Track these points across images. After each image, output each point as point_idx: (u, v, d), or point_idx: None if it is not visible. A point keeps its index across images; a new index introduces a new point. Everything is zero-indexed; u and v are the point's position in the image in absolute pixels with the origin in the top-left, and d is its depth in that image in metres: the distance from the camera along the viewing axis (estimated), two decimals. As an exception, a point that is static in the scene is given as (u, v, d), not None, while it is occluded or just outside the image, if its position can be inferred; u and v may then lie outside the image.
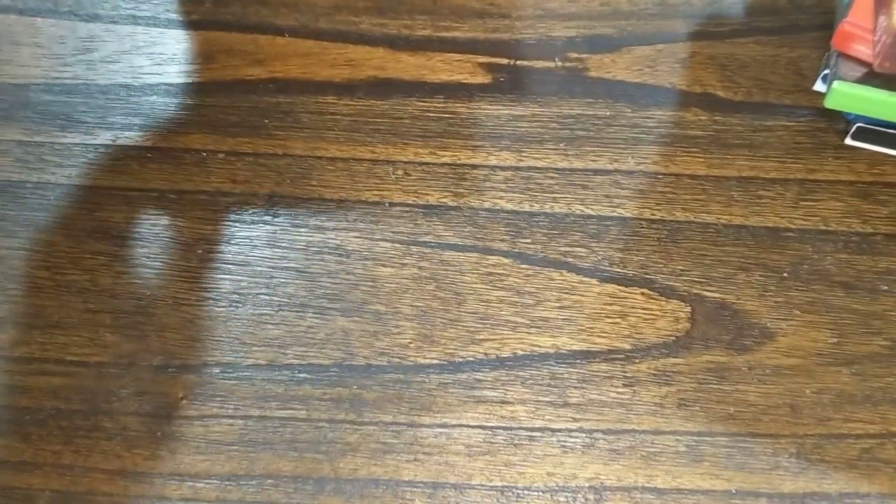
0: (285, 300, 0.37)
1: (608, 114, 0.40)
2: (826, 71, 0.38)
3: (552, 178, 0.39)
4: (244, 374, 0.36)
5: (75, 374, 0.35)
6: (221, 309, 0.37)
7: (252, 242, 0.38)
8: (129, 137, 0.39)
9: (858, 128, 0.38)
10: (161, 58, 0.41)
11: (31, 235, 0.37)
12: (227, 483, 0.34)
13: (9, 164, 0.39)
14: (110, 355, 0.36)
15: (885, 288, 0.37)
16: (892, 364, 0.36)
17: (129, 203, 0.38)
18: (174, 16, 0.42)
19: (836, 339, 0.36)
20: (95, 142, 0.39)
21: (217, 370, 0.36)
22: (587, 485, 0.34)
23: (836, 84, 0.36)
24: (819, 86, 0.39)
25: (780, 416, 0.35)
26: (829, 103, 0.37)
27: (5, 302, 0.36)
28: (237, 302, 0.37)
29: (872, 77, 0.36)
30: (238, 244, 0.38)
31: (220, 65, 0.41)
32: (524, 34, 0.42)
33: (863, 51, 0.36)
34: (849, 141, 0.39)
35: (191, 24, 0.42)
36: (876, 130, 0.38)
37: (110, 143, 0.39)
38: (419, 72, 0.41)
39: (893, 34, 0.33)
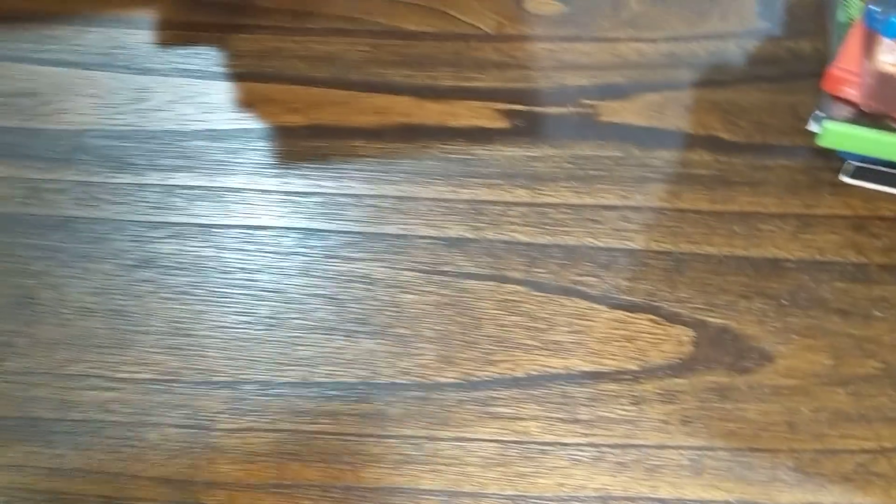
0: (316, 324, 0.45)
1: (618, 154, 0.49)
2: (819, 112, 0.46)
3: (565, 213, 0.48)
4: (278, 391, 0.44)
5: (122, 389, 0.44)
6: (257, 332, 0.45)
7: (286, 271, 0.46)
8: (177, 178, 0.49)
9: (853, 166, 0.46)
10: (207, 106, 0.51)
11: (84, 265, 0.47)
12: (259, 490, 0.42)
13: (66, 201, 0.48)
14: (155, 373, 0.44)
15: (879, 314, 0.44)
16: (885, 384, 0.43)
17: (175, 236, 0.47)
18: (219, 69, 0.52)
19: (832, 362, 0.43)
20: (145, 182, 0.49)
21: (253, 387, 0.44)
22: (595, 495, 0.41)
23: (827, 124, 0.44)
24: (813, 126, 0.47)
25: (779, 432, 0.42)
26: (822, 142, 0.45)
27: (59, 325, 0.45)
28: (272, 325, 0.45)
29: (861, 117, 0.44)
30: (273, 273, 0.46)
31: (261, 112, 0.51)
32: (540, 83, 0.51)
33: (851, 93, 0.44)
34: (844, 178, 0.47)
35: (234, 76, 0.52)
36: (869, 168, 0.46)
37: (159, 183, 0.49)
38: (442, 118, 0.51)
39: (877, 76, 0.42)
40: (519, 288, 0.46)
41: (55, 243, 0.47)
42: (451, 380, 0.45)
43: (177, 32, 0.54)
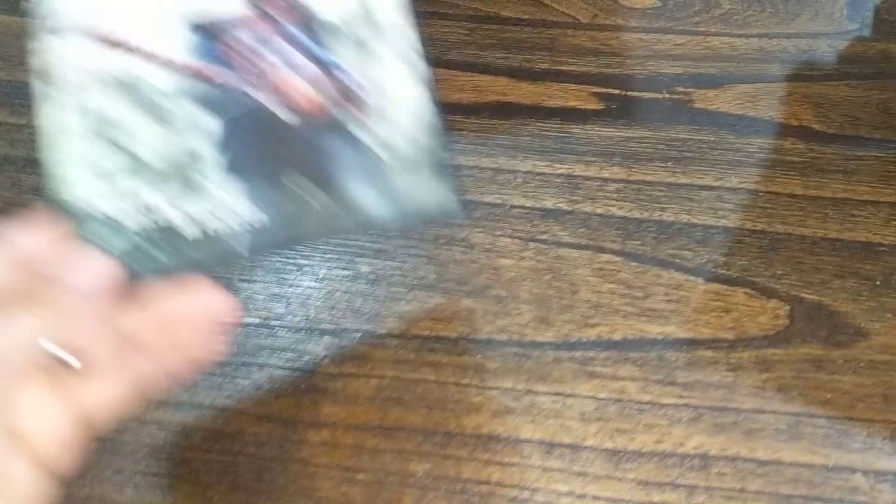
0: (416, 282, 0.51)
1: (712, 139, 0.55)
2: None
3: (660, 190, 0.54)
4: (379, 340, 0.50)
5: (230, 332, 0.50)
6: (360, 286, 0.51)
7: (386, 233, 0.52)
8: None
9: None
10: None
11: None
12: (361, 431, 0.47)
13: None
14: (261, 318, 0.50)
15: (972, 296, 0.50)
16: (979, 361, 0.48)
17: None
18: None
19: (926, 339, 0.49)
20: None
21: (355, 335, 0.50)
22: (693, 453, 0.47)
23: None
24: None
25: (874, 403, 0.48)
26: None
27: None
28: (373, 281, 0.51)
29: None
30: (372, 234, 0.52)
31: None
32: (634, 70, 0.58)
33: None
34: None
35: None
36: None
37: None
38: (538, 98, 0.57)
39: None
40: (615, 258, 0.52)
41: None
42: (549, 339, 0.50)
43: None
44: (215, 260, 0.37)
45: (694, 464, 0.46)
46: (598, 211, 0.53)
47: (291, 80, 0.39)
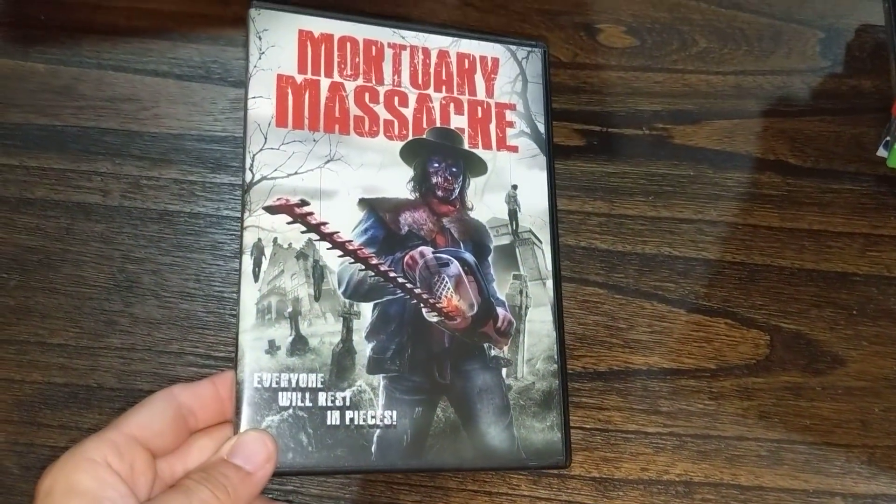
0: None
1: (691, 174, 0.58)
2: (887, 138, 0.55)
3: (642, 224, 0.56)
4: None
5: (219, 367, 0.52)
6: None
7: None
8: None
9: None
10: None
11: (184, 254, 0.55)
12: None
13: (166, 196, 0.57)
14: None
15: (945, 324, 0.52)
16: (953, 387, 0.51)
17: None
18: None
19: (901, 366, 0.51)
20: (240, 181, 0.57)
21: None
22: (678, 480, 0.49)
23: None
24: (881, 151, 0.56)
25: (852, 429, 0.50)
26: (892, 162, 0.54)
27: (160, 307, 0.53)
28: None
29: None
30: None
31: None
32: (614, 107, 0.61)
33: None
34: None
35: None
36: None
37: None
38: (522, 135, 0.60)
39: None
40: (599, 290, 0.55)
41: (155, 234, 0.55)
42: (536, 371, 0.52)
43: (268, 51, 0.64)
44: (346, 451, 0.40)
45: (678, 490, 0.48)
46: (582, 244, 0.56)
47: (457, 302, 0.44)
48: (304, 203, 0.44)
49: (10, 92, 0.58)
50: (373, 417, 0.39)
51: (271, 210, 0.44)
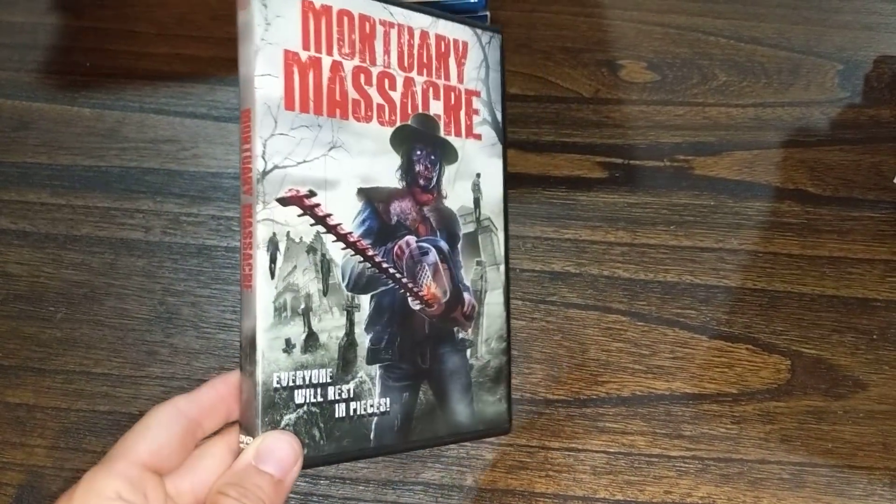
0: None
1: (712, 204, 0.60)
2: None
3: (664, 253, 0.58)
4: None
5: None
6: None
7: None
8: None
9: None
10: None
11: (222, 287, 0.58)
12: (381, 486, 0.51)
13: (205, 232, 0.60)
14: None
15: (966, 347, 0.54)
16: (975, 409, 0.52)
17: None
18: None
19: (923, 390, 0.53)
20: None
21: None
22: (701, 502, 0.50)
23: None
24: None
25: (874, 452, 0.51)
26: None
27: (199, 338, 0.56)
28: None
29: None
30: None
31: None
32: (636, 140, 0.63)
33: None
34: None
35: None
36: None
37: None
38: (545, 168, 0.62)
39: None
40: (622, 318, 0.57)
41: (194, 267, 0.59)
42: (560, 397, 0.54)
43: (301, 92, 0.68)
44: (351, 441, 0.41)
45: (702, 513, 0.50)
46: (605, 273, 0.58)
47: (434, 290, 0.45)
48: (312, 194, 0.42)
49: (58, 135, 0.61)
50: (371, 406, 0.41)
51: (284, 202, 0.41)
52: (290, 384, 0.40)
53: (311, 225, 0.42)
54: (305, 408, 0.40)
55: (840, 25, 0.65)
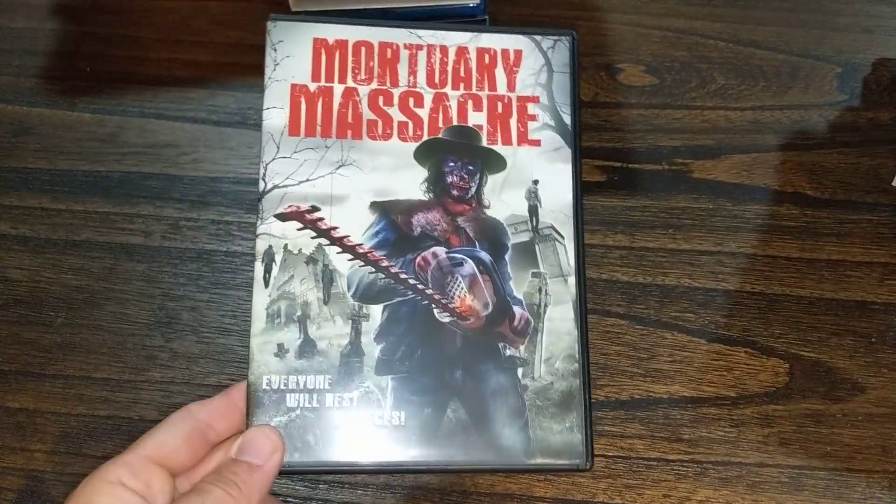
0: None
1: (711, 207, 0.60)
2: None
3: (662, 256, 0.59)
4: None
5: None
6: None
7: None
8: None
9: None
10: None
11: (220, 292, 0.58)
12: (381, 490, 0.51)
13: (204, 237, 0.60)
14: None
15: (964, 350, 0.54)
16: (973, 412, 0.52)
17: None
18: None
19: (921, 393, 0.53)
20: None
21: None
22: None
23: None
24: None
25: (873, 455, 0.51)
26: None
27: (199, 342, 0.56)
28: None
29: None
30: None
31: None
32: (634, 143, 0.63)
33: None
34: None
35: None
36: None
37: None
38: (545, 172, 0.62)
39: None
40: (621, 321, 0.57)
41: (194, 272, 0.59)
42: (560, 401, 0.54)
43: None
44: (352, 450, 0.41)
45: (701, 517, 0.50)
46: (603, 276, 0.58)
47: (471, 302, 0.44)
48: (314, 209, 0.45)
49: (58, 140, 0.62)
50: (380, 418, 0.41)
51: (282, 217, 0.45)
52: (282, 387, 0.42)
53: (313, 238, 0.45)
54: (299, 412, 0.41)
55: (838, 28, 0.65)
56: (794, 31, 0.66)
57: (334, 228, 0.45)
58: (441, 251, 0.44)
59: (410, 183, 0.46)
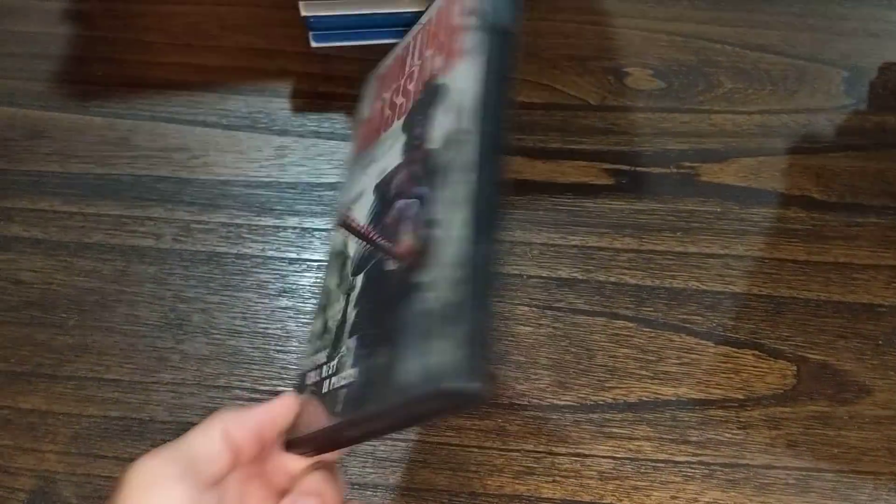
0: None
1: (718, 210, 0.61)
2: None
3: (670, 259, 0.59)
4: None
5: (264, 399, 0.54)
6: None
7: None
8: (312, 222, 0.61)
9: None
10: (337, 162, 0.64)
11: (231, 293, 0.59)
12: (389, 491, 0.52)
13: (215, 239, 0.61)
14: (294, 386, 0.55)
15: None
16: (981, 415, 0.52)
17: (311, 269, 0.59)
18: (346, 131, 0.65)
19: (929, 395, 0.53)
20: (285, 224, 0.61)
21: None
22: None
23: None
24: None
25: (880, 457, 0.52)
26: None
27: (210, 344, 0.57)
28: None
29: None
30: None
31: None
32: (642, 147, 0.64)
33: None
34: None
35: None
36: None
37: (296, 225, 0.61)
38: (552, 175, 0.63)
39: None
40: (629, 324, 0.57)
41: (204, 274, 0.59)
42: (567, 402, 0.55)
43: (310, 101, 0.68)
44: (325, 415, 0.40)
45: (708, 518, 0.50)
46: (612, 279, 0.58)
47: (411, 241, 0.39)
48: (349, 210, 0.48)
49: (70, 144, 0.62)
50: (344, 378, 0.38)
51: (337, 228, 0.50)
52: (308, 369, 0.44)
53: (344, 236, 0.47)
54: (311, 388, 0.42)
55: (845, 33, 0.65)
56: (802, 35, 0.66)
57: (353, 220, 0.47)
58: (400, 203, 0.41)
59: (397, 153, 0.46)
